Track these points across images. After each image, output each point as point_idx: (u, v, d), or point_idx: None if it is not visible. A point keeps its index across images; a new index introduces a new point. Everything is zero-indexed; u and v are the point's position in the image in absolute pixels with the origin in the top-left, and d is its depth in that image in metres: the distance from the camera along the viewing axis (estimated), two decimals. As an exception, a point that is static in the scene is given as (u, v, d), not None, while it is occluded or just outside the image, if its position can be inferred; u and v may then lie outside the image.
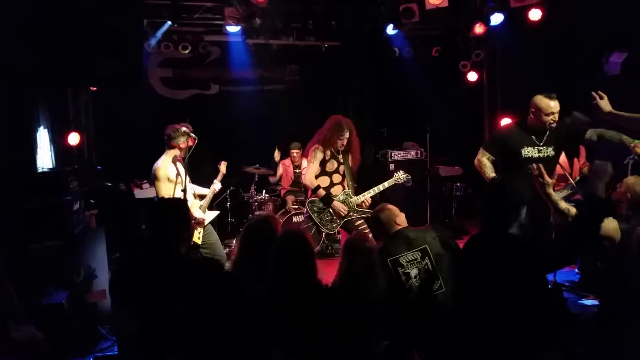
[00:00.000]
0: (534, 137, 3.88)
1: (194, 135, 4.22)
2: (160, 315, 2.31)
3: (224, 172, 4.76)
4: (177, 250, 2.49)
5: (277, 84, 7.80)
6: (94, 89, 5.97)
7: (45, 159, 5.13)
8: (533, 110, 3.85)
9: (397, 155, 7.00)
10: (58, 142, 5.29)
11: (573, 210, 2.93)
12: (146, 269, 2.41)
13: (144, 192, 5.84)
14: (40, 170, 4.91)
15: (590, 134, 3.82)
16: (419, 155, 7.07)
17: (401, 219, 3.23)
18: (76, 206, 4.52)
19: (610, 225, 2.90)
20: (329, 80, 7.51)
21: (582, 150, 5.53)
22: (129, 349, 2.51)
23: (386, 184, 4.62)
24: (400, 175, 4.68)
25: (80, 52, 5.01)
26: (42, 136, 5.12)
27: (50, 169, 5.07)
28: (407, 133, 7.35)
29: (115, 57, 5.50)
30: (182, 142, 4.28)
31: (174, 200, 2.97)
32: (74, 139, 5.33)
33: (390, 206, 3.29)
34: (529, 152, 3.89)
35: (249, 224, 2.93)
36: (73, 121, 5.61)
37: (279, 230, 2.88)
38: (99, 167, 5.91)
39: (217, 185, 4.66)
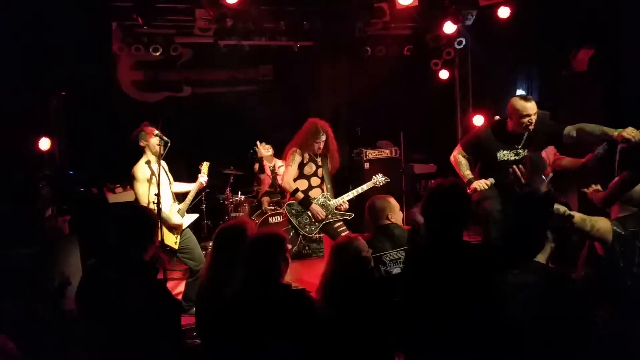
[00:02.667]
0: (511, 140, 3.89)
1: (165, 139, 4.24)
2: (121, 326, 2.34)
3: (206, 173, 4.74)
4: (141, 258, 2.52)
5: (250, 84, 7.84)
6: (63, 93, 5.95)
7: (15, 164, 5.09)
8: (510, 112, 3.85)
9: (371, 154, 7.10)
10: (28, 147, 5.25)
11: (571, 214, 2.79)
12: (110, 277, 2.45)
13: (117, 197, 5.84)
14: (12, 176, 4.86)
15: (569, 130, 3.70)
16: (393, 154, 7.18)
17: (396, 217, 3.29)
18: (49, 212, 4.51)
19: (603, 225, 2.82)
20: (302, 80, 7.57)
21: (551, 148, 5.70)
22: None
23: (365, 187, 4.67)
24: (379, 178, 4.73)
25: (49, 57, 5.02)
26: (12, 141, 5.08)
27: (20, 174, 5.03)
28: (381, 132, 7.47)
29: (84, 61, 5.52)
30: (143, 141, 4.29)
31: (140, 207, 2.98)
32: (44, 144, 5.30)
33: (392, 200, 3.34)
34: (504, 155, 3.93)
35: (221, 229, 2.96)
36: (44, 126, 5.57)
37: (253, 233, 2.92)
38: (70, 172, 5.88)
39: (203, 178, 4.63)
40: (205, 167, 4.78)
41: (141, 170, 4.26)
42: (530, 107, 3.77)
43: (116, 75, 6.99)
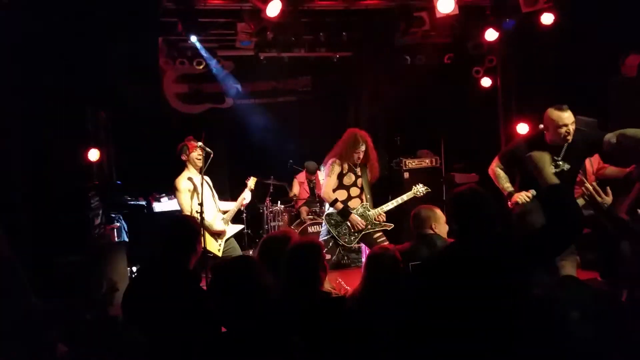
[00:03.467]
0: (550, 152, 3.73)
1: (208, 150, 4.34)
2: (165, 333, 2.40)
3: (252, 188, 4.82)
4: (185, 266, 2.58)
5: (290, 95, 7.93)
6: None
7: (66, 174, 5.31)
8: (546, 124, 3.72)
9: (411, 163, 7.04)
10: (78, 158, 5.48)
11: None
12: (154, 284, 2.52)
13: (163, 205, 6.00)
14: (63, 186, 5.08)
15: (609, 136, 3.55)
16: (433, 163, 7.09)
17: (440, 228, 3.26)
18: (97, 221, 4.68)
19: None
20: (341, 91, 7.61)
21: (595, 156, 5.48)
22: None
23: (405, 197, 4.65)
24: (419, 189, 4.71)
25: (99, 73, 5.23)
26: (63, 152, 5.32)
27: (72, 185, 5.24)
28: (421, 141, 7.40)
29: (132, 75, 5.73)
30: (184, 155, 4.41)
31: (183, 217, 3.04)
32: (93, 155, 5.51)
33: (438, 211, 3.32)
34: None
35: (265, 239, 3.02)
36: (92, 138, 5.79)
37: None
38: (118, 182, 6.08)
39: (247, 195, 4.73)
40: (252, 182, 4.83)
41: (182, 182, 4.39)
42: (567, 116, 3.60)
43: (161, 88, 7.19)
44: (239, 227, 4.78)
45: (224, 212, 4.66)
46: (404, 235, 5.57)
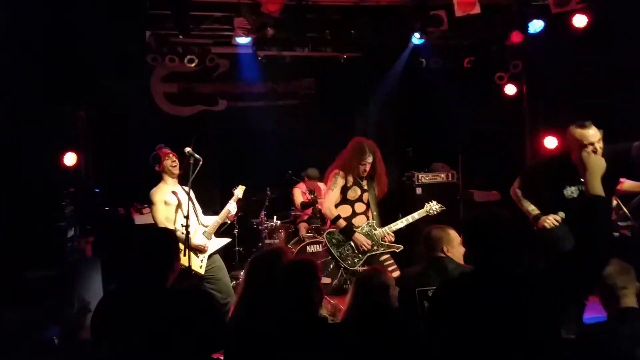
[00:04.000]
0: (577, 174, 3.62)
1: (197, 156, 4.36)
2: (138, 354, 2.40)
3: (240, 197, 4.83)
4: (161, 284, 2.59)
5: (291, 98, 7.99)
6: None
7: (39, 180, 5.35)
8: (570, 144, 3.71)
9: (424, 178, 7.02)
10: (54, 162, 5.51)
11: None
12: (126, 305, 2.53)
13: (145, 218, 6.00)
14: (34, 193, 5.11)
15: (638, 144, 3.59)
16: (449, 178, 7.08)
17: (453, 251, 3.24)
18: (71, 232, 4.70)
19: None
20: (347, 95, 7.65)
21: None
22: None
23: (416, 216, 4.64)
24: (433, 206, 4.69)
25: (77, 67, 5.29)
26: (36, 155, 5.36)
27: (45, 191, 5.28)
28: (435, 153, 7.41)
29: (115, 72, 5.79)
30: (157, 165, 4.47)
31: (159, 229, 3.05)
32: (70, 159, 5.54)
33: (452, 232, 3.31)
34: (572, 192, 3.75)
35: (255, 256, 3.03)
36: (70, 140, 5.83)
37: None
38: (96, 190, 6.11)
39: (232, 206, 4.71)
40: (240, 191, 4.81)
41: (158, 193, 4.44)
42: (592, 134, 3.58)
43: (148, 87, 7.25)
44: (223, 242, 4.76)
45: (205, 226, 4.66)
46: (415, 258, 5.55)
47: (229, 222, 4.89)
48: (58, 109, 5.56)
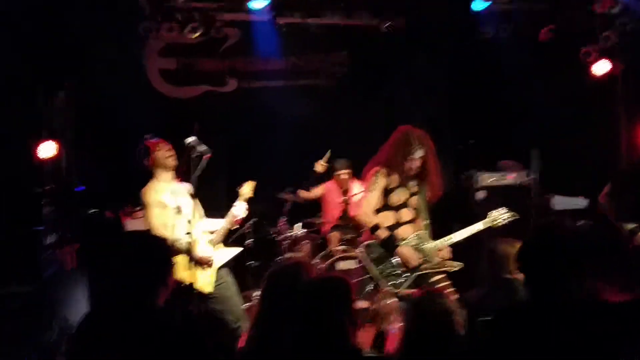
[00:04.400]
0: None
1: (202, 149, 4.40)
2: None
3: (249, 196, 4.89)
4: (152, 303, 2.67)
5: (317, 77, 8.02)
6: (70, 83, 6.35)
7: (9, 176, 5.46)
8: None
9: (489, 178, 6.97)
10: (27, 153, 5.62)
11: None
12: (110, 327, 2.60)
13: (138, 223, 6.09)
14: (4, 192, 5.22)
15: None
16: (520, 180, 7.02)
17: None
18: (49, 239, 4.80)
19: None
20: (388, 73, 7.65)
21: None
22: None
23: (479, 226, 4.61)
24: (500, 215, 4.64)
25: (54, 37, 5.37)
26: (5, 146, 5.47)
27: (16, 190, 5.38)
28: (503, 147, 7.36)
29: (100, 44, 5.86)
30: (146, 159, 4.54)
31: (149, 237, 3.12)
32: (48, 150, 5.64)
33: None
34: None
35: (273, 272, 3.08)
36: (47, 127, 5.94)
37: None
38: (80, 188, 6.20)
39: (239, 209, 4.78)
40: (248, 188, 4.87)
41: (152, 192, 4.50)
42: None
43: (141, 63, 7.34)
44: (233, 252, 4.82)
45: (211, 233, 4.72)
46: (477, 279, 5.52)
47: (237, 227, 4.94)
48: (31, 88, 5.65)
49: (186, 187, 4.55)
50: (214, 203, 5.32)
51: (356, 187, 6.63)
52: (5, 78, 5.42)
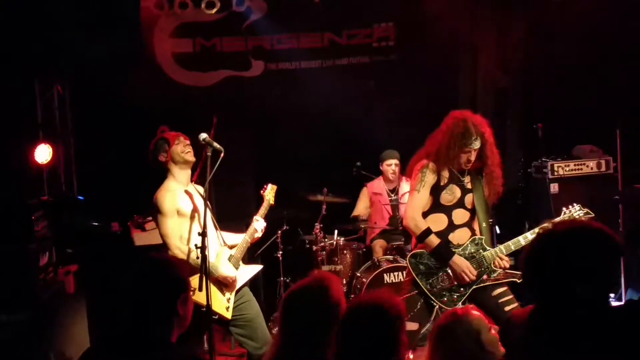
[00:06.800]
0: None
1: (216, 145, 4.38)
2: None
3: (272, 203, 4.89)
4: (166, 339, 2.63)
5: (359, 55, 7.95)
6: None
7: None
8: None
9: (564, 168, 6.85)
10: (20, 158, 5.68)
11: None
12: None
13: (149, 236, 6.12)
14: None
15: None
16: (603, 168, 6.88)
17: None
18: (44, 259, 4.83)
19: None
20: (442, 47, 7.54)
21: None
22: None
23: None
24: (575, 213, 4.57)
25: (48, 25, 5.40)
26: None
27: (8, 201, 5.44)
28: (580, 131, 7.19)
29: (101, 28, 5.88)
30: (163, 155, 4.50)
31: (156, 260, 3.12)
32: (43, 154, 5.69)
33: None
34: None
35: (291, 293, 3.06)
36: (42, 127, 5.99)
37: (343, 298, 3.00)
38: (81, 198, 6.26)
39: (259, 224, 4.78)
40: (270, 192, 4.88)
41: (168, 197, 4.45)
42: None
43: (150, 47, 7.37)
44: (254, 270, 4.81)
45: (231, 247, 4.69)
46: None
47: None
48: (23, 83, 5.70)
49: (201, 191, 4.54)
50: (236, 209, 5.30)
51: (406, 186, 6.54)
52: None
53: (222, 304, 4.49)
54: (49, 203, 5.51)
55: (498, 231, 5.41)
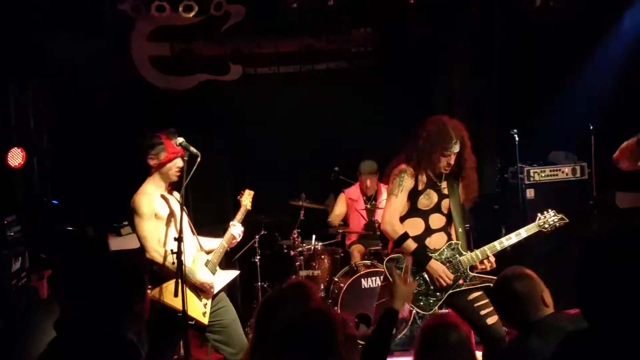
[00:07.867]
0: None
1: (193, 150, 4.36)
2: None
3: (249, 209, 4.89)
4: (122, 335, 2.65)
5: (338, 60, 7.96)
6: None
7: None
8: None
9: (539, 174, 6.91)
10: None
11: None
12: (67, 354, 2.61)
13: (124, 241, 6.09)
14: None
15: None
16: (578, 174, 6.97)
17: (549, 298, 3.18)
18: (17, 265, 4.79)
19: None
20: (422, 53, 7.57)
21: None
22: None
23: (524, 233, 4.57)
24: (549, 219, 4.60)
25: (20, 24, 5.36)
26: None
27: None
28: (556, 136, 7.24)
29: (75, 29, 5.85)
30: (154, 159, 4.46)
31: (116, 257, 3.10)
32: (15, 157, 5.64)
33: (532, 273, 3.25)
34: None
35: (266, 300, 3.06)
36: (16, 131, 5.95)
37: (319, 303, 3.08)
38: (55, 202, 6.21)
39: (235, 229, 4.76)
40: (247, 198, 4.87)
41: (145, 200, 4.43)
42: None
43: (126, 50, 7.34)
44: (231, 276, 4.79)
45: (208, 252, 4.67)
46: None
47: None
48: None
49: (177, 197, 4.51)
50: (214, 213, 5.28)
51: (384, 192, 6.57)
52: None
53: (199, 309, 4.47)
54: (21, 208, 5.47)
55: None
